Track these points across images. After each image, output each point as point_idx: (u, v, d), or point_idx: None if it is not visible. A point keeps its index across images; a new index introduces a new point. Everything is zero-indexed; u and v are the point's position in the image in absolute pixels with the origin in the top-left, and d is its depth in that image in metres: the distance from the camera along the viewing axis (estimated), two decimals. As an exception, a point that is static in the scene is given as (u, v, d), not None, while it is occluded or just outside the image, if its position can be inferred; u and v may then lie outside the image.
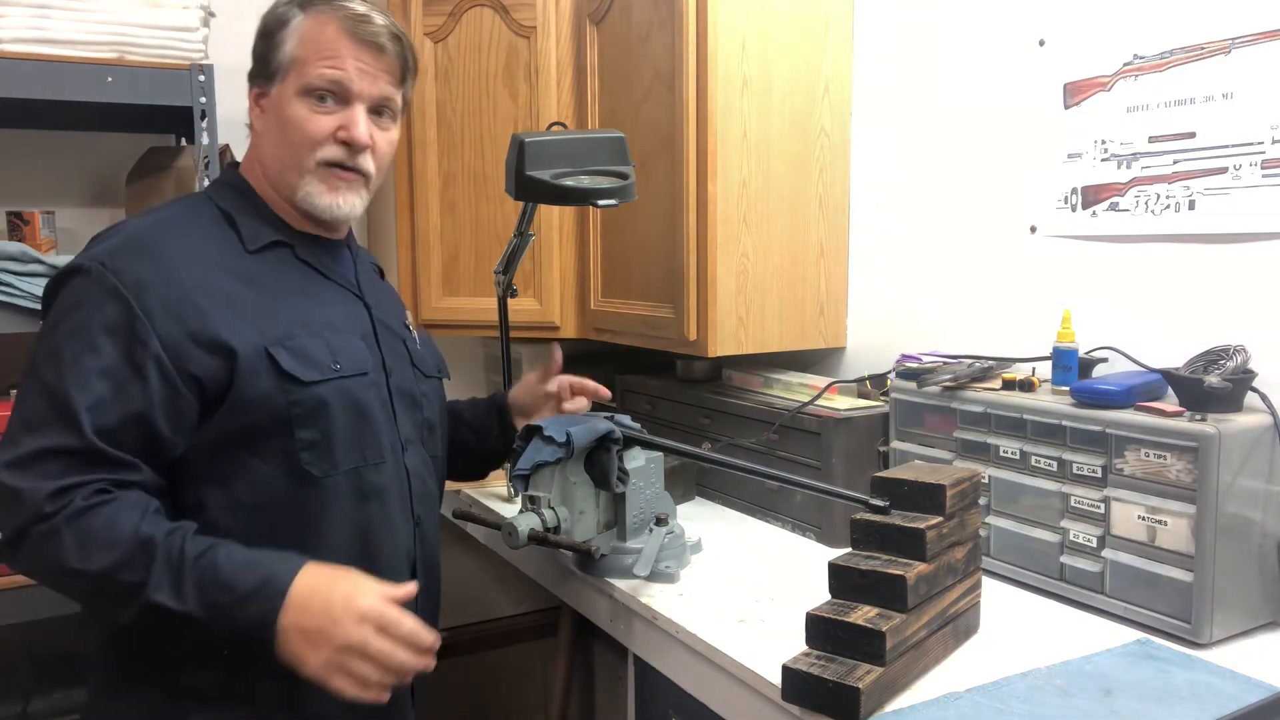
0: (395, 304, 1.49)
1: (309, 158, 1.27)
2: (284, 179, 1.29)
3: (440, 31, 2.24)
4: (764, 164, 1.92)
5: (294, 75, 1.26)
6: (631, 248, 2.09)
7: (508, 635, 2.65)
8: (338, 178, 1.28)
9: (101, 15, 1.86)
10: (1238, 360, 1.35)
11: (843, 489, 1.37)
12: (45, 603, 1.82)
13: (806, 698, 1.10)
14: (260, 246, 1.27)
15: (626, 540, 1.58)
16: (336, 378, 1.24)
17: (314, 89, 1.25)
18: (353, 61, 1.26)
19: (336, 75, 1.25)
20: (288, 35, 1.26)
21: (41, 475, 1.09)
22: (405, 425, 1.35)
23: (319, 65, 1.25)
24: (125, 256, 1.18)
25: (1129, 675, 1.17)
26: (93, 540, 1.08)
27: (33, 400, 1.13)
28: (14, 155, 2.24)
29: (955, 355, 1.71)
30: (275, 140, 1.29)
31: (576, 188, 1.57)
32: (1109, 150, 1.56)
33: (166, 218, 1.27)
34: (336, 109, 1.26)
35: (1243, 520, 1.29)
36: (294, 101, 1.26)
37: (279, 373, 1.19)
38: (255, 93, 1.31)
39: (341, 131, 1.26)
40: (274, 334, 1.21)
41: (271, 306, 1.23)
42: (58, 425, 1.10)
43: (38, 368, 1.14)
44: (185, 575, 1.08)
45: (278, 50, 1.27)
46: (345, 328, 1.30)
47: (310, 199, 1.28)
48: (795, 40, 1.94)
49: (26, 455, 1.10)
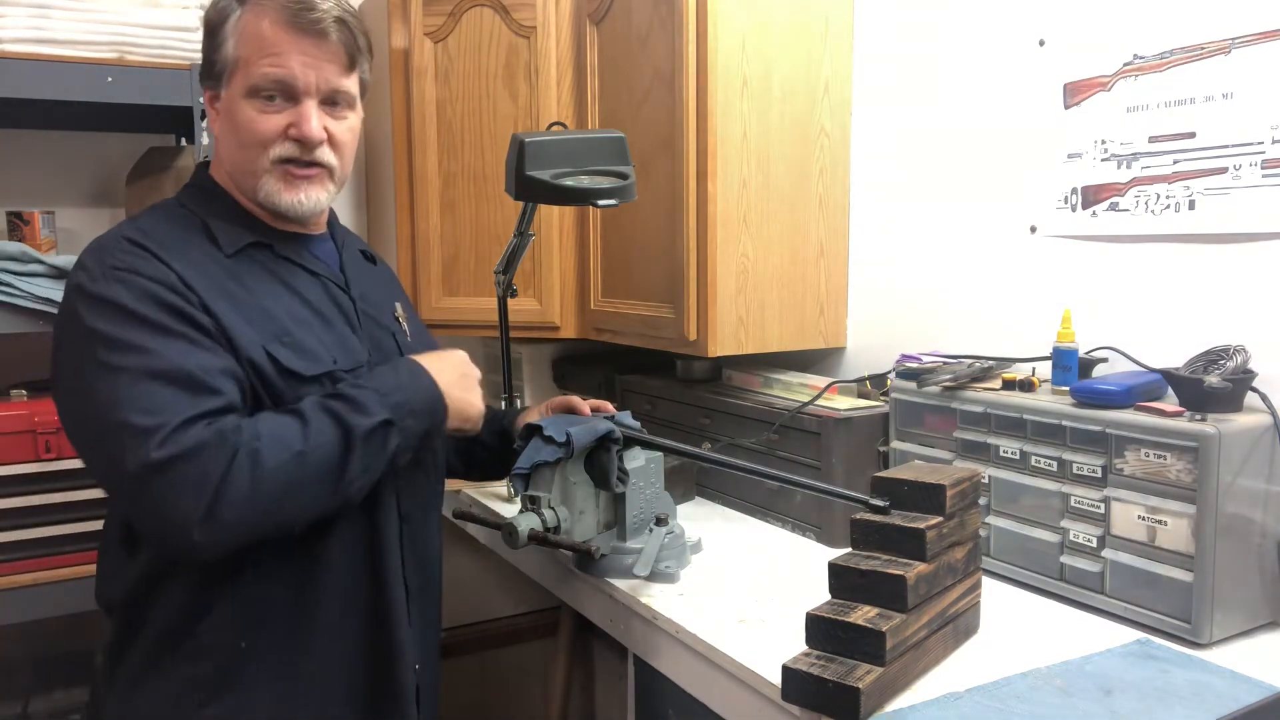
0: (386, 292, 1.47)
1: (262, 158, 1.24)
2: (244, 182, 1.27)
3: (440, 31, 2.24)
4: (764, 164, 1.92)
5: (239, 76, 1.23)
6: (631, 248, 2.09)
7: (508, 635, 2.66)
8: (296, 175, 1.26)
9: (101, 15, 1.86)
10: (1238, 360, 1.35)
11: (843, 489, 1.37)
12: (45, 603, 1.83)
13: (806, 698, 1.10)
14: (237, 250, 1.25)
15: (626, 540, 1.58)
16: (335, 369, 1.24)
17: (259, 89, 1.22)
18: (296, 56, 1.21)
19: (280, 74, 1.21)
20: (228, 33, 1.23)
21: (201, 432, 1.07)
22: None
23: (261, 64, 1.21)
24: (135, 257, 1.16)
25: (1129, 675, 1.17)
26: (279, 435, 1.11)
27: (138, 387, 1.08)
28: (14, 155, 2.24)
29: (955, 355, 1.71)
30: (230, 143, 1.27)
31: (576, 188, 1.57)
32: (1109, 150, 1.56)
33: (149, 227, 1.23)
34: (285, 106, 1.23)
35: (1243, 520, 1.29)
36: (241, 103, 1.23)
37: (281, 370, 1.19)
38: (208, 95, 1.28)
39: (292, 129, 1.23)
40: (271, 331, 1.20)
41: (263, 304, 1.22)
42: (189, 395, 1.09)
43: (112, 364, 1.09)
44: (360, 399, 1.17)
45: (220, 50, 1.24)
46: (336, 321, 1.30)
47: (271, 198, 1.26)
48: (795, 40, 1.94)
49: (177, 426, 1.06)
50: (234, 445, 1.08)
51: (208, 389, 1.11)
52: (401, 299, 1.50)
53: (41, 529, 1.85)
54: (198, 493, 1.05)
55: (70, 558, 1.86)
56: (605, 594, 1.56)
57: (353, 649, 1.27)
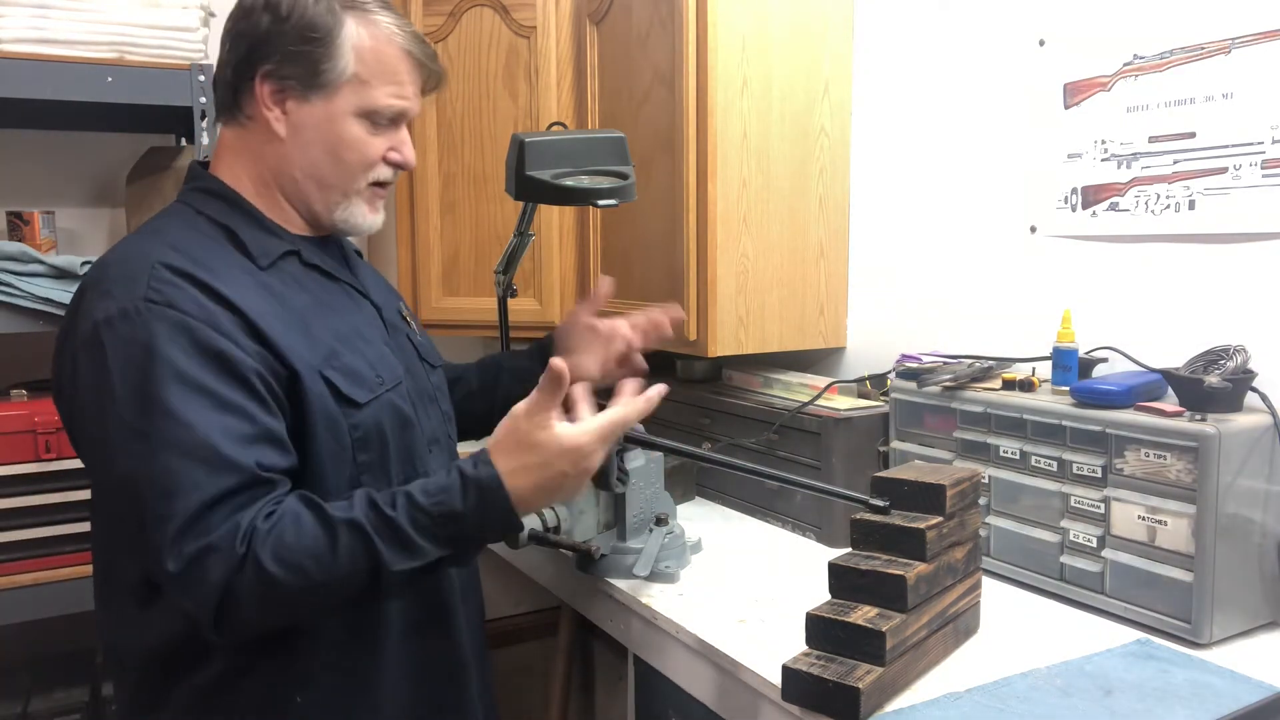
0: (388, 292, 1.42)
1: (361, 180, 1.21)
2: (323, 195, 1.21)
3: (440, 31, 2.24)
4: (764, 164, 1.92)
5: (351, 93, 1.17)
6: (631, 248, 2.09)
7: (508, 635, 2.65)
8: (378, 196, 1.25)
9: (101, 15, 1.86)
10: (1238, 360, 1.35)
11: (843, 489, 1.37)
12: (45, 603, 1.83)
13: (806, 698, 1.10)
14: (272, 261, 1.17)
15: (626, 540, 1.58)
16: (383, 392, 1.19)
17: (378, 114, 1.19)
18: (412, 86, 1.22)
19: (405, 106, 1.21)
20: (342, 47, 1.16)
21: (210, 528, 1.00)
22: (429, 426, 1.29)
23: (387, 92, 1.19)
24: (170, 286, 1.06)
25: (1129, 675, 1.17)
26: (299, 554, 1.01)
27: (157, 463, 1.01)
28: (14, 155, 2.24)
29: (955, 355, 1.71)
30: (318, 155, 1.19)
31: (576, 188, 1.57)
32: (1109, 150, 1.56)
33: (171, 238, 1.13)
34: (388, 129, 1.22)
35: (1243, 520, 1.29)
36: (349, 121, 1.18)
37: (338, 396, 1.13)
38: (271, 89, 1.17)
39: (394, 154, 1.22)
40: (321, 354, 1.14)
41: (306, 323, 1.15)
42: (206, 473, 1.01)
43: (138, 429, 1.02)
44: (406, 533, 1.04)
45: (330, 60, 1.16)
46: (371, 336, 1.24)
47: (353, 219, 1.23)
48: (795, 40, 1.94)
49: (191, 516, 1.00)
50: (239, 557, 1.00)
51: (227, 465, 1.02)
52: (397, 296, 1.47)
53: (41, 529, 1.84)
54: (204, 602, 1.01)
55: (70, 558, 1.86)
56: (605, 594, 1.56)
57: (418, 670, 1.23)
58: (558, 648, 2.53)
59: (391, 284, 1.53)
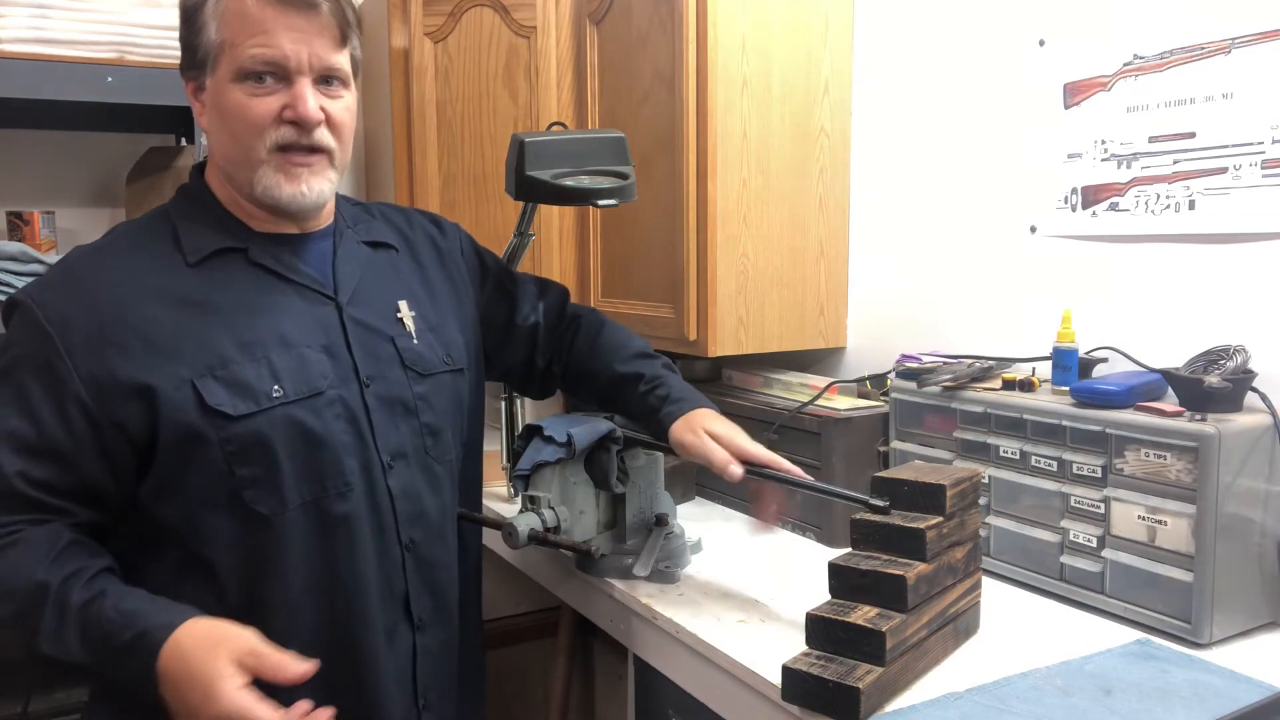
0: (396, 287, 1.32)
1: (258, 146, 1.15)
2: (239, 174, 1.18)
3: (440, 31, 2.24)
4: (764, 164, 1.92)
5: (224, 60, 1.13)
6: (631, 248, 2.09)
7: (508, 635, 2.65)
8: (294, 163, 1.16)
9: (101, 15, 1.86)
10: (1238, 360, 1.35)
11: (843, 489, 1.37)
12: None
13: (806, 698, 1.10)
14: (201, 258, 1.17)
15: (626, 540, 1.58)
16: (276, 405, 1.13)
17: (249, 72, 1.12)
18: (285, 33, 1.12)
19: (269, 53, 1.12)
20: (208, 16, 1.13)
21: None
22: (392, 439, 1.22)
23: (249, 45, 1.12)
24: (54, 290, 1.14)
25: (1129, 675, 1.17)
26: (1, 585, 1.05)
27: None
28: (14, 155, 2.24)
29: (955, 355, 1.71)
30: (222, 135, 1.17)
31: (576, 188, 1.57)
32: (1109, 150, 1.56)
33: (110, 241, 1.20)
34: (278, 87, 1.14)
35: (1243, 520, 1.29)
36: (230, 89, 1.13)
37: (205, 409, 1.10)
38: (191, 87, 1.19)
39: (288, 111, 1.14)
40: (204, 363, 1.12)
41: (206, 330, 1.13)
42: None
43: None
44: (69, 624, 1.03)
45: (201, 35, 1.14)
46: (300, 340, 1.18)
47: (270, 192, 1.17)
48: (795, 40, 1.94)
49: None
50: None
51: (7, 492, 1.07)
52: (416, 291, 1.35)
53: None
54: None
55: (70, 558, 1.85)
56: (605, 594, 1.56)
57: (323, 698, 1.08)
58: (558, 648, 2.52)
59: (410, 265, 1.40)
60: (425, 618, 1.26)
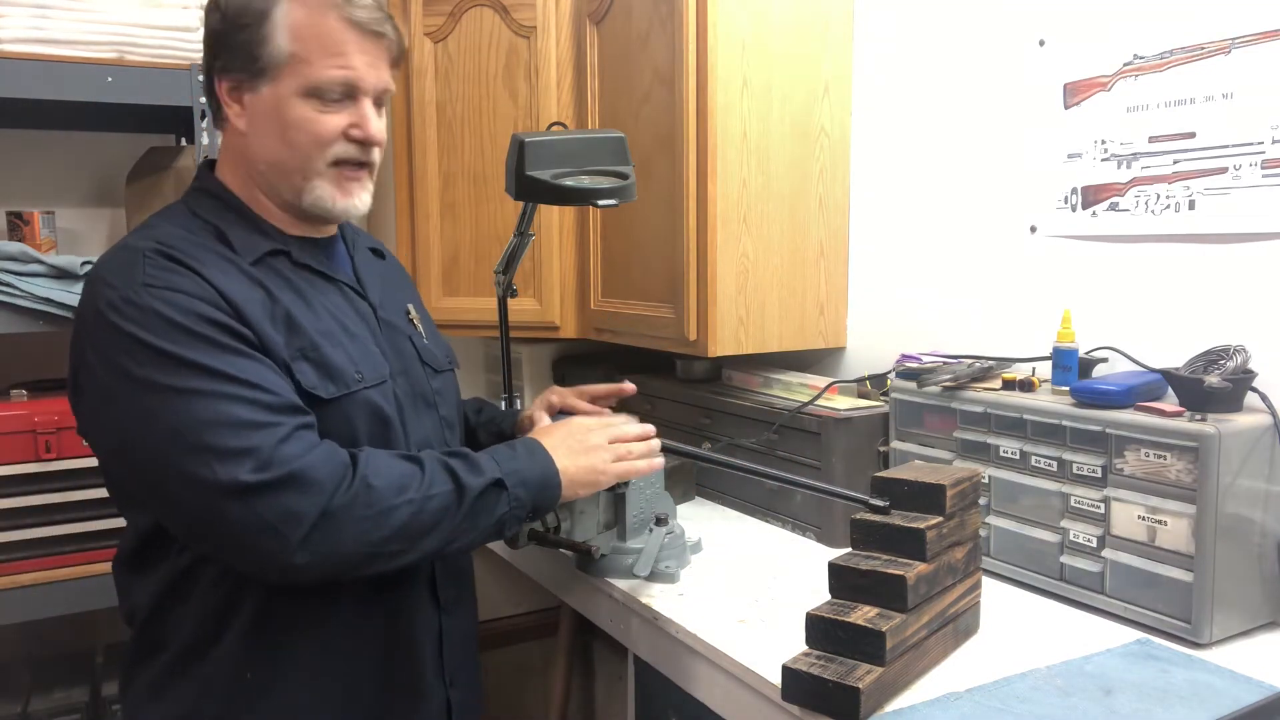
0: (399, 291, 1.42)
1: (319, 160, 1.19)
2: (286, 182, 1.21)
3: (440, 31, 2.24)
4: (764, 164, 1.92)
5: (291, 74, 1.16)
6: (631, 248, 2.09)
7: (508, 635, 2.66)
8: (349, 178, 1.22)
9: (101, 15, 1.86)
10: (1238, 360, 1.35)
11: (843, 489, 1.37)
12: (45, 603, 1.83)
13: (806, 698, 1.10)
14: (256, 258, 1.19)
15: (626, 540, 1.58)
16: (359, 389, 1.19)
17: (322, 90, 1.17)
18: (359, 56, 1.17)
19: (349, 75, 1.17)
20: (275, 28, 1.15)
21: (302, 452, 1.06)
22: (419, 431, 1.29)
23: (327, 65, 1.16)
24: (165, 271, 1.10)
25: (1129, 675, 1.17)
26: (394, 474, 1.11)
27: (212, 407, 1.04)
28: (14, 155, 2.24)
29: (955, 355, 1.71)
30: (273, 143, 1.19)
31: (576, 188, 1.56)
32: (1109, 150, 1.56)
33: (167, 234, 1.17)
34: (344, 105, 1.19)
35: (1243, 520, 1.29)
36: (295, 102, 1.17)
37: (299, 390, 1.14)
38: (228, 86, 1.19)
39: (355, 130, 1.19)
40: (295, 346, 1.15)
41: (288, 316, 1.17)
42: (275, 413, 1.07)
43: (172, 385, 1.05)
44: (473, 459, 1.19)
45: (265, 45, 1.15)
46: (358, 333, 1.25)
47: (322, 203, 1.21)
48: (795, 40, 1.94)
49: (272, 447, 1.04)
50: (347, 467, 1.08)
51: (290, 407, 1.09)
52: (413, 296, 1.46)
53: (41, 529, 1.85)
54: (303, 515, 1.04)
55: (70, 558, 1.86)
56: (605, 594, 1.56)
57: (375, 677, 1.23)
58: (558, 648, 2.53)
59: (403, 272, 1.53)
60: (449, 602, 1.32)
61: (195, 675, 1.16)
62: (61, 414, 1.84)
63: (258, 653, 1.17)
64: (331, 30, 1.16)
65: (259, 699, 1.17)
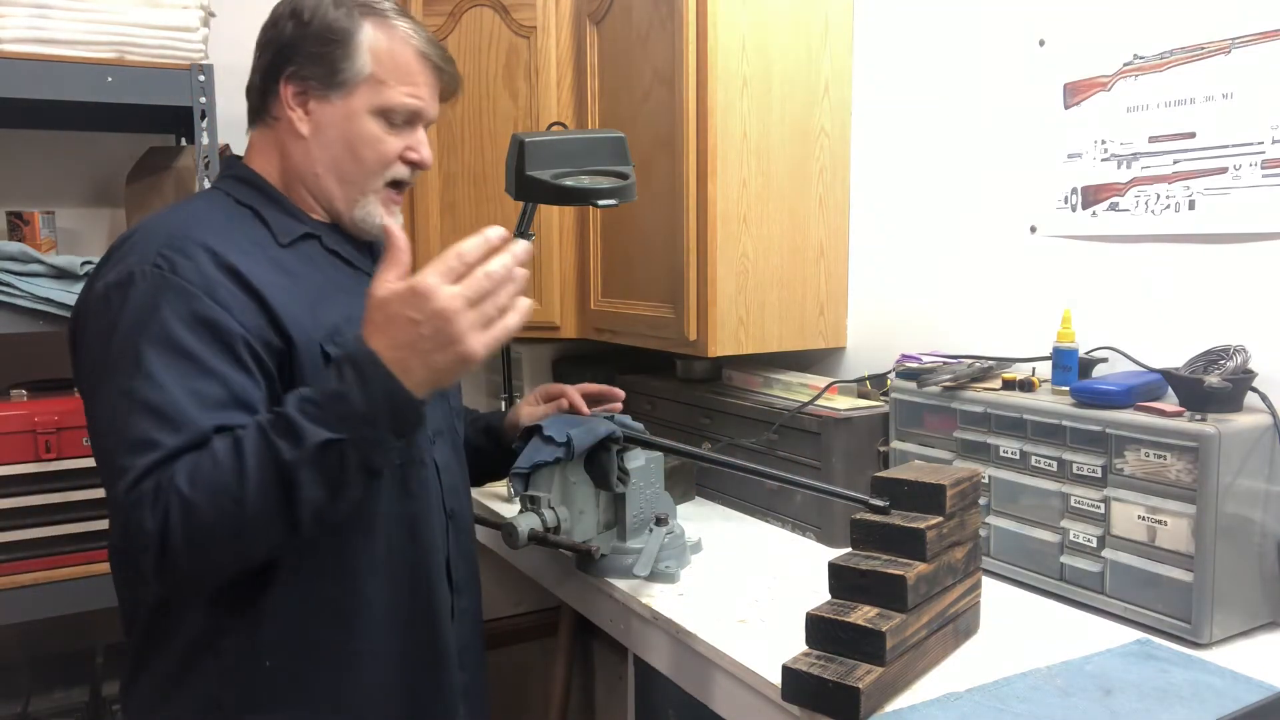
0: None
1: (378, 178, 1.27)
2: (339, 191, 1.27)
3: (440, 31, 2.24)
4: (764, 164, 1.92)
5: (368, 92, 1.24)
6: (631, 248, 2.09)
7: (508, 635, 2.65)
8: (393, 200, 1.30)
9: (101, 15, 1.86)
10: (1238, 360, 1.35)
11: (843, 489, 1.37)
12: (45, 603, 1.83)
13: (806, 698, 1.10)
14: (292, 240, 1.24)
15: (626, 540, 1.58)
16: None
17: (392, 113, 1.25)
18: (427, 89, 1.27)
19: (419, 105, 1.26)
20: (359, 47, 1.23)
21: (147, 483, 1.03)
22: (433, 417, 1.30)
23: (402, 91, 1.25)
24: (178, 253, 1.11)
25: (1129, 675, 1.17)
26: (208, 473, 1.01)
27: (130, 420, 1.05)
28: (14, 155, 2.24)
29: (955, 355, 1.71)
30: (336, 153, 1.25)
31: (576, 188, 1.57)
32: (1109, 150, 1.56)
33: (193, 213, 1.21)
34: (405, 130, 1.27)
35: (1243, 520, 1.29)
36: (366, 119, 1.25)
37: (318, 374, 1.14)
38: (294, 90, 1.25)
39: (411, 153, 1.28)
40: (324, 328, 1.18)
41: (316, 299, 1.20)
42: (168, 432, 1.04)
43: (122, 387, 1.06)
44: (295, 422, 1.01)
45: (348, 61, 1.23)
46: None
47: (369, 219, 1.28)
48: (795, 40, 1.94)
49: (142, 473, 1.02)
50: (165, 503, 1.01)
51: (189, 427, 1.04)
52: None
53: (41, 529, 1.85)
54: (145, 548, 1.02)
55: (70, 558, 1.86)
56: (605, 594, 1.56)
57: (397, 657, 1.24)
58: (558, 648, 2.53)
59: None
60: (461, 583, 1.34)
61: (208, 668, 1.16)
62: (61, 414, 1.84)
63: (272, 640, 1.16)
64: (410, 60, 1.26)
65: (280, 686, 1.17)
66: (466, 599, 1.36)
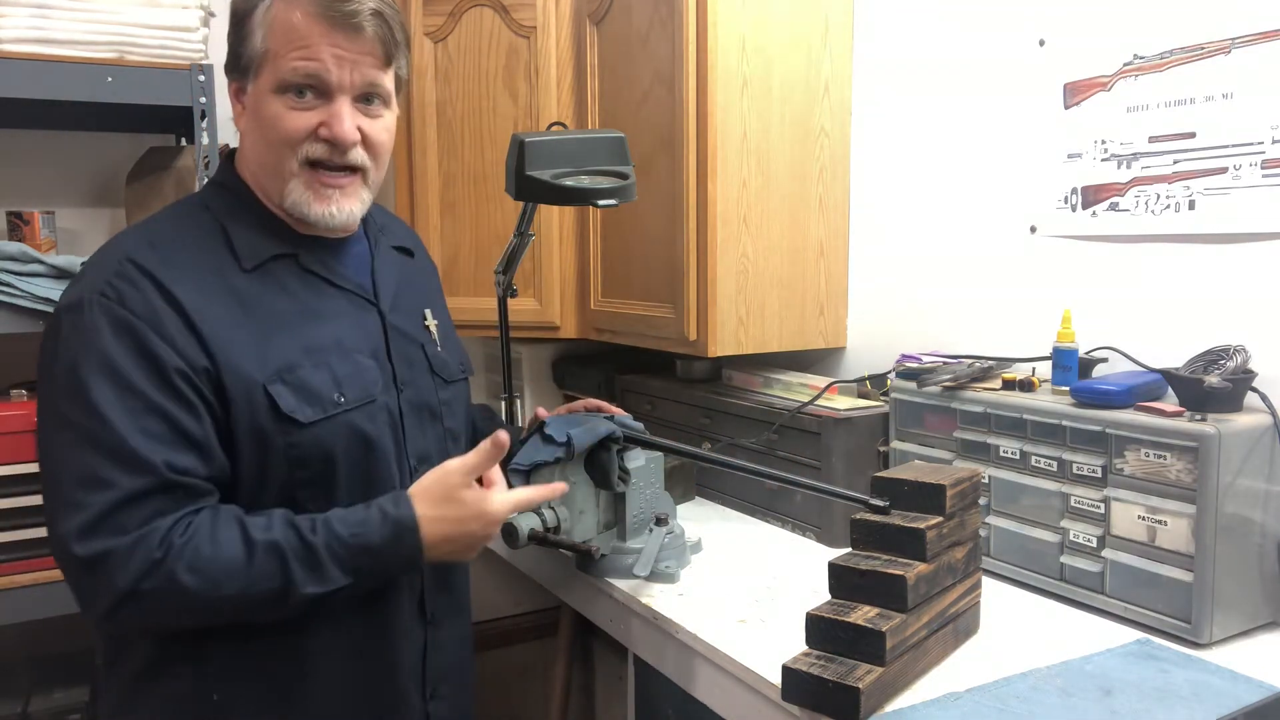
0: (419, 295, 1.38)
1: (290, 160, 1.16)
2: (270, 184, 1.19)
3: (440, 31, 2.24)
4: (764, 164, 1.92)
5: (267, 70, 1.14)
6: (631, 248, 2.09)
7: (508, 635, 2.65)
8: (325, 183, 1.17)
9: (101, 15, 1.85)
10: (1238, 360, 1.35)
11: (843, 489, 1.37)
12: (45, 603, 1.83)
13: (806, 698, 1.10)
14: (258, 264, 1.17)
15: (626, 540, 1.58)
16: (340, 412, 1.16)
17: (289, 84, 1.13)
18: (328, 49, 1.12)
19: (311, 67, 1.12)
20: (257, 23, 1.14)
21: (125, 528, 1.02)
22: (419, 443, 1.26)
23: (291, 57, 1.12)
24: (127, 283, 1.09)
25: (1129, 675, 1.17)
26: (214, 568, 1.04)
27: (78, 454, 1.04)
28: (14, 155, 2.24)
29: (955, 355, 1.71)
30: (256, 141, 1.19)
31: (576, 188, 1.56)
32: (1109, 150, 1.56)
33: (160, 236, 1.16)
34: (317, 103, 1.14)
35: (1243, 520, 1.29)
36: (269, 99, 1.14)
37: (277, 414, 1.12)
38: (234, 88, 1.20)
39: (323, 129, 1.15)
40: (274, 366, 1.13)
41: (271, 333, 1.14)
42: (122, 471, 1.03)
43: (67, 417, 1.05)
44: (320, 559, 1.08)
45: (248, 42, 1.15)
46: (354, 346, 1.21)
47: (299, 208, 1.18)
48: (795, 40, 1.94)
49: (100, 514, 1.02)
50: (153, 562, 1.02)
51: (142, 466, 1.04)
52: (434, 300, 1.42)
53: (41, 529, 1.84)
54: (104, 594, 1.03)
55: (70, 558, 1.86)
56: (605, 594, 1.56)
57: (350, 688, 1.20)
58: (558, 648, 2.52)
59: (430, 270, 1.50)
60: (438, 614, 1.29)
61: (157, 695, 1.14)
62: (61, 414, 1.84)
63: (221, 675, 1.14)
64: (298, 23, 1.12)
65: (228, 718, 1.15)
66: (446, 628, 1.30)
